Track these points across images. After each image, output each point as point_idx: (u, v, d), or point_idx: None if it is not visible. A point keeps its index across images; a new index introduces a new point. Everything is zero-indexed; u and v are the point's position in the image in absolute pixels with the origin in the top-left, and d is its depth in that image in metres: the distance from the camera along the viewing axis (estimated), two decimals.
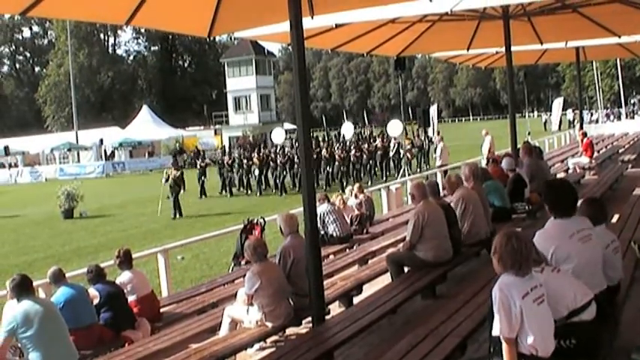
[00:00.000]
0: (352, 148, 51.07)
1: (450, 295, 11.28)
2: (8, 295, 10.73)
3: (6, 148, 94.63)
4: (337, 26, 14.27)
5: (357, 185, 22.97)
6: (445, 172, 31.19)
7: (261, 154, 50.67)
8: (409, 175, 38.94)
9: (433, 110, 51.51)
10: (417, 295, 11.80)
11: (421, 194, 12.90)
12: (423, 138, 57.12)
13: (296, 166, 47.16)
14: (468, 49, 19.39)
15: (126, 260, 13.29)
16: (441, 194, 15.19)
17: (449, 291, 11.95)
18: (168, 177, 39.64)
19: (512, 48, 17.90)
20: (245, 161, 50.91)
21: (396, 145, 52.22)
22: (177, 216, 38.57)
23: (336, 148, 51.28)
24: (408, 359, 8.26)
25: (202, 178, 49.28)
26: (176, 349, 10.58)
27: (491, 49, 22.06)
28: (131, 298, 12.81)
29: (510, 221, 15.66)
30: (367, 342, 10.34)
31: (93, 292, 12.07)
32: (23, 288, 9.88)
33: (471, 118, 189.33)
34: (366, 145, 52.81)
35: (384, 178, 47.65)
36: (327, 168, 49.39)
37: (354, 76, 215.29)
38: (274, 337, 11.24)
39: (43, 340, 9.59)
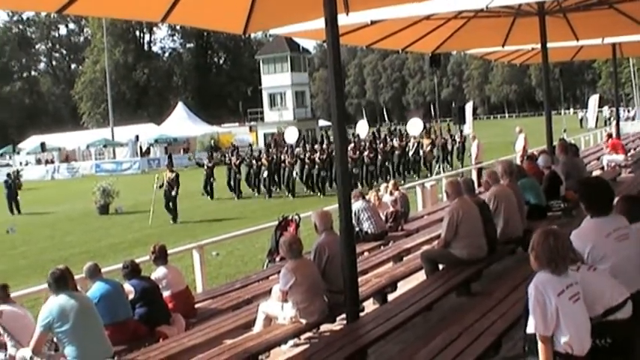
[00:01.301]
0: (366, 148, 48.33)
1: (484, 293, 11.25)
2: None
3: (42, 145, 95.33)
4: (372, 23, 14.24)
5: (392, 182, 22.93)
6: (480, 169, 31.03)
7: (270, 154, 49.03)
8: (445, 172, 38.86)
9: (469, 107, 50.90)
10: (451, 292, 11.76)
11: (456, 191, 12.86)
12: (447, 137, 54.48)
13: (306, 166, 45.61)
14: (503, 46, 19.30)
15: (161, 256, 13.32)
16: (476, 191, 15.15)
17: (484, 289, 11.90)
18: (163, 181, 37.81)
19: (548, 44, 17.79)
20: (255, 162, 48.37)
21: (416, 144, 50.89)
22: (171, 222, 36.89)
23: (348, 149, 47.24)
24: (442, 357, 8.24)
25: (210, 179, 47.31)
26: (210, 345, 10.61)
27: (526, 46, 21.94)
28: (166, 294, 12.84)
29: (546, 219, 15.52)
30: (401, 339, 10.31)
31: (128, 287, 12.12)
32: (61, 282, 9.94)
33: (507, 115, 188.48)
34: (381, 145, 50.03)
35: (403, 181, 43.63)
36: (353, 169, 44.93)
37: (389, 73, 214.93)
38: (308, 334, 11.21)
39: (79, 334, 9.66)
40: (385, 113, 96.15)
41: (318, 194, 44.08)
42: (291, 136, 58.52)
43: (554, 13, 16.73)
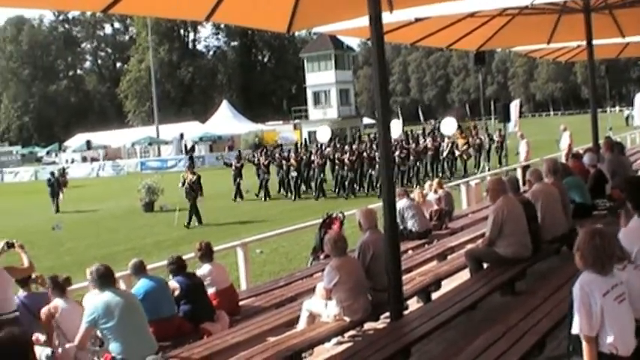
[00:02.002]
0: (397, 148, 44.91)
1: (529, 292, 11.19)
2: (90, 286, 10.92)
3: (88, 143, 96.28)
4: (416, 20, 14.21)
5: (436, 180, 22.94)
6: (525, 167, 30.85)
7: (298, 154, 47.87)
8: (488, 171, 38.66)
9: (515, 105, 50.10)
10: (495, 291, 11.71)
11: (501, 190, 12.81)
12: (483, 136, 52.11)
13: (336, 167, 44.71)
14: (548, 43, 19.17)
15: (207, 253, 13.40)
16: (521, 190, 15.09)
17: (528, 288, 11.83)
18: (184, 181, 36.66)
19: (594, 42, 17.67)
20: (284, 162, 46.67)
21: (450, 144, 49.36)
22: (197, 223, 35.89)
23: (374, 150, 44.52)
24: (486, 356, 8.23)
25: (238, 179, 46.54)
26: (254, 342, 10.64)
27: (572, 43, 21.76)
28: (210, 291, 12.92)
29: (591, 218, 15.41)
30: (445, 338, 10.28)
31: (173, 284, 12.20)
32: (105, 279, 10.02)
33: (552, 112, 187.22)
34: (413, 145, 48.32)
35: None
36: (371, 170, 44.33)
37: (434, 71, 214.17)
38: (352, 332, 11.22)
39: (123, 331, 9.73)
40: (420, 112, 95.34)
41: (345, 197, 43.00)
42: (324, 135, 57.75)
43: (599, 9, 16.60)
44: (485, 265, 12.82)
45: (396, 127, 57.64)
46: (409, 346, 9.46)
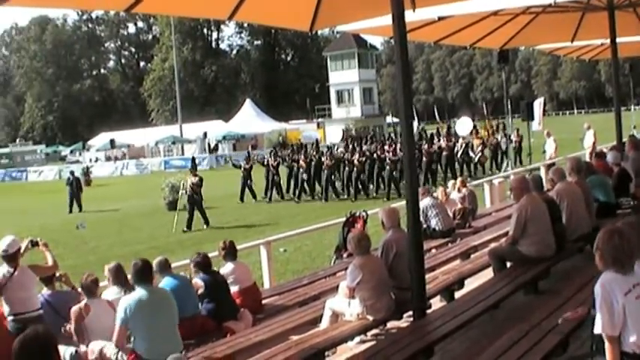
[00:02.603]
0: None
1: (552, 291, 11.18)
2: (111, 281, 11.01)
3: (112, 141, 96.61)
4: (439, 19, 14.20)
5: (459, 179, 22.90)
6: (550, 166, 30.71)
7: (308, 155, 45.40)
8: (512, 169, 38.51)
9: (538, 104, 49.64)
10: (519, 290, 11.69)
11: (524, 188, 12.78)
12: (499, 137, 50.82)
13: (347, 168, 42.57)
14: (572, 41, 19.10)
15: (230, 251, 13.42)
16: (545, 189, 15.04)
17: (551, 287, 11.81)
18: (185, 183, 35.89)
19: (618, 39, 17.60)
20: (293, 163, 45.07)
21: (464, 145, 47.50)
22: (205, 226, 34.67)
23: (385, 150, 42.73)
24: (509, 355, 8.23)
25: (248, 181, 44.62)
26: (277, 341, 10.66)
27: (595, 41, 21.67)
28: (234, 289, 12.93)
29: (615, 217, 15.34)
30: (468, 337, 10.28)
31: (197, 282, 12.23)
32: (142, 275, 10.13)
33: (575, 111, 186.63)
34: (426, 146, 44.94)
35: None
36: (382, 173, 42.43)
37: (457, 69, 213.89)
38: (375, 331, 11.22)
39: (151, 329, 9.77)
40: (436, 112, 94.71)
41: (351, 199, 40.78)
42: (335, 135, 56.27)
43: (623, 7, 16.53)
44: (508, 264, 12.79)
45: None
46: (432, 345, 9.47)
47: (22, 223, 39.57)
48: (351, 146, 46.92)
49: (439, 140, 47.96)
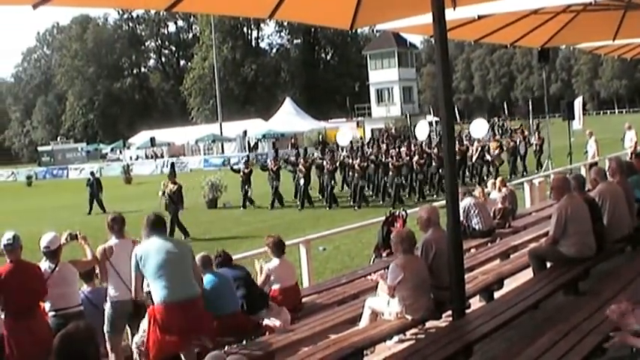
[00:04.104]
0: (416, 152, 41.34)
1: (592, 292, 11.10)
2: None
3: (152, 140, 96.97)
4: (480, 17, 14.14)
5: (499, 179, 22.85)
6: (591, 166, 30.51)
7: (307, 158, 43.05)
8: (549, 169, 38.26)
9: (578, 103, 48.81)
10: (559, 291, 11.63)
11: (565, 188, 12.71)
12: (518, 140, 48.61)
13: (351, 173, 40.73)
14: (613, 40, 18.95)
15: (277, 247, 13.52)
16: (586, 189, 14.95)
17: (592, 288, 11.71)
18: (164, 191, 33.57)
19: None
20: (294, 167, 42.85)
21: (479, 148, 44.86)
22: (183, 237, 31.26)
23: (392, 155, 40.30)
24: (548, 356, 8.19)
25: (245, 187, 42.21)
26: (316, 339, 10.70)
27: (637, 40, 21.52)
28: (275, 287, 13.01)
29: None
30: (507, 337, 10.24)
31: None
32: (153, 226, 10.27)
33: (616, 110, 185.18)
34: (435, 150, 41.99)
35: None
36: (385, 178, 39.81)
37: (497, 68, 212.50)
38: (414, 330, 11.21)
39: (163, 275, 9.95)
40: (456, 111, 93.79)
41: (356, 207, 38.43)
42: (344, 138, 54.95)
43: None
44: (548, 265, 12.73)
45: (423, 130, 54.58)
46: (471, 345, 9.45)
47: (62, 219, 39.87)
48: (383, 146, 46.09)
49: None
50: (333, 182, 40.33)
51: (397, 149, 42.57)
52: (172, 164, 51.62)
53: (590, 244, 12.40)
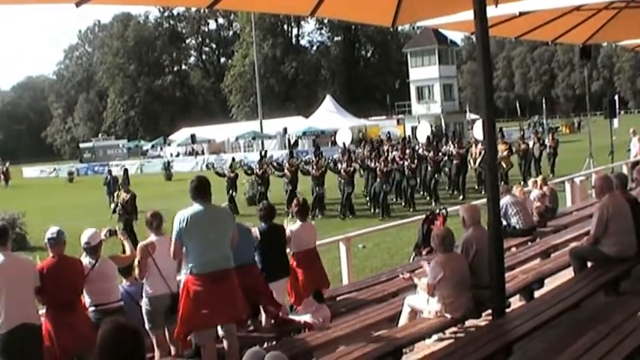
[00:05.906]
0: (408, 157, 38.04)
1: (633, 293, 11.04)
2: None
3: (192, 137, 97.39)
4: (521, 14, 14.07)
5: (540, 177, 22.73)
6: (633, 165, 30.21)
7: (292, 162, 41.04)
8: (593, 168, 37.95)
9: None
10: (599, 290, 11.54)
11: (607, 187, 12.61)
12: (531, 142, 45.30)
13: (342, 180, 36.50)
14: None
15: (301, 210, 13.67)
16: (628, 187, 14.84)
17: (633, 288, 11.64)
18: (118, 202, 31.82)
19: None
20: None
21: (483, 151, 35.86)
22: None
23: (379, 160, 37.23)
24: (589, 356, 8.14)
25: (231, 191, 40.81)
26: (355, 337, 10.67)
27: None
28: (295, 250, 13.32)
29: None
30: (547, 337, 10.18)
31: (255, 232, 12.62)
32: (197, 191, 10.41)
33: None
34: (431, 154, 38.93)
35: (462, 197, 37.55)
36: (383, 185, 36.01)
37: (538, 66, 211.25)
38: (453, 329, 11.17)
39: (201, 244, 10.07)
40: (467, 108, 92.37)
41: (341, 216, 36.08)
42: (344, 137, 53.99)
43: None
44: (589, 264, 12.64)
45: (424, 130, 52.52)
46: (511, 344, 9.40)
47: (103, 215, 40.07)
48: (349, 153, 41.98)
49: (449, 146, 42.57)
50: (318, 189, 37.19)
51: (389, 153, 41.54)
52: (126, 170, 47.69)
53: (631, 243, 12.30)
